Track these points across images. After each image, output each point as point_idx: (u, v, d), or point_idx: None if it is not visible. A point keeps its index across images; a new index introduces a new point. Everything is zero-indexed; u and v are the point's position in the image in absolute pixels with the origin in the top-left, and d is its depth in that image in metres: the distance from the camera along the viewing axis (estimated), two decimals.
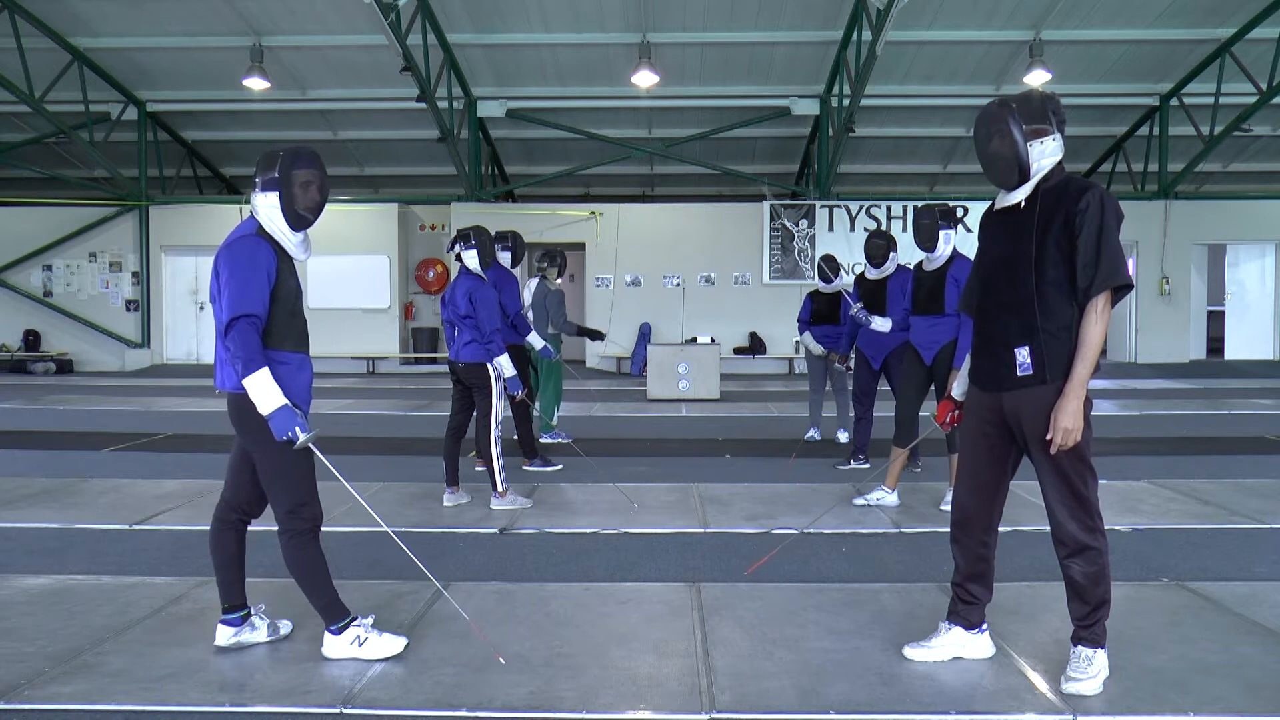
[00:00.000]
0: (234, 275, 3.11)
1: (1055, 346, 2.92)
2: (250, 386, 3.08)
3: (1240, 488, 6.25)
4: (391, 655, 3.26)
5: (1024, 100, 3.00)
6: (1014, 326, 2.98)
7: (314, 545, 3.29)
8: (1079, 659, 3.01)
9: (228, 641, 3.34)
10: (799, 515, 5.50)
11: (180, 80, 15.88)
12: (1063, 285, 2.92)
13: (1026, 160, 2.97)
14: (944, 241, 5.53)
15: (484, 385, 5.66)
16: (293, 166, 3.23)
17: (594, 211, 16.83)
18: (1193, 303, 17.60)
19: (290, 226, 3.25)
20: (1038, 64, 14.19)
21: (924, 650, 3.24)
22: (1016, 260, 2.98)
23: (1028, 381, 2.96)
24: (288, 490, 3.24)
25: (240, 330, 3.07)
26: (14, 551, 4.76)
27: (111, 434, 8.89)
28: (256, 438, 3.22)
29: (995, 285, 3.07)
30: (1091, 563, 2.95)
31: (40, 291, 17.63)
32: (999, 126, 2.98)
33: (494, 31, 14.38)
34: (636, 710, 2.90)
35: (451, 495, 5.80)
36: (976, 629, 3.24)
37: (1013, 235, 3.02)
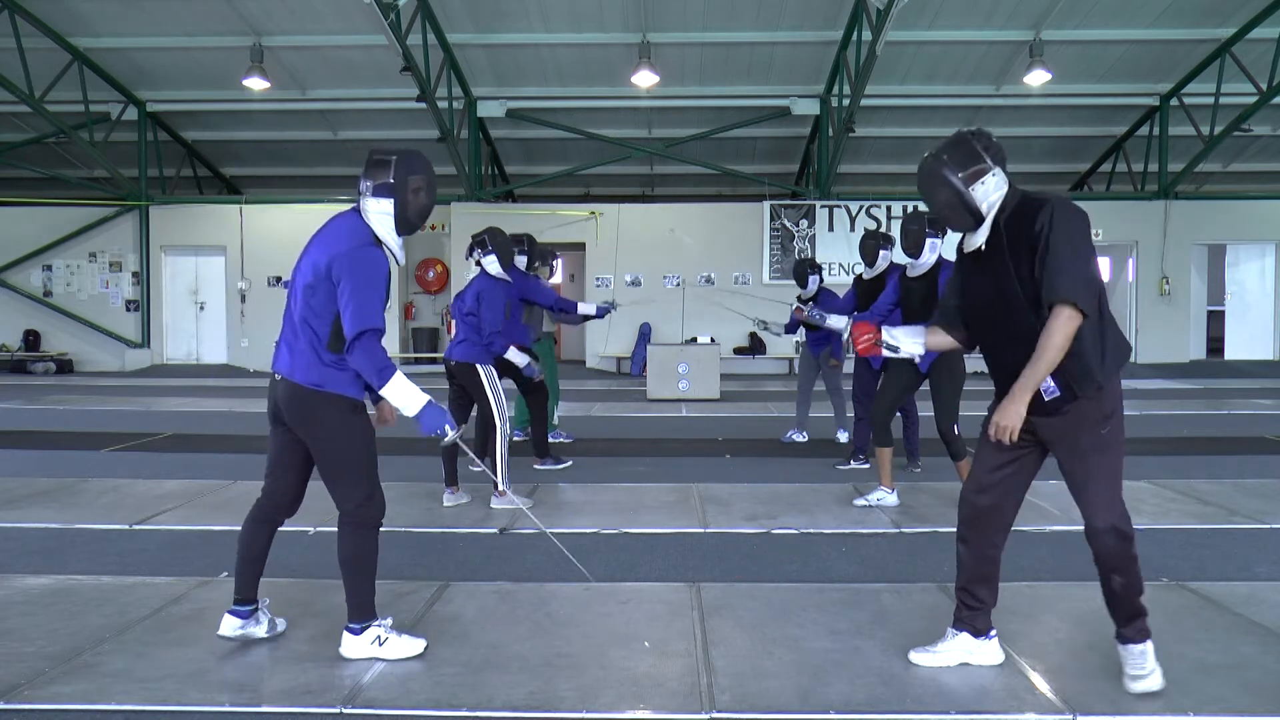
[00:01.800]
0: (360, 288, 3.08)
1: (1073, 365, 2.92)
2: (391, 393, 3.13)
3: (1240, 488, 6.25)
4: (412, 656, 3.25)
5: (953, 146, 3.02)
6: (1026, 355, 2.95)
7: (375, 538, 3.28)
8: (1138, 655, 2.98)
9: (233, 632, 3.33)
10: (799, 515, 5.50)
11: (180, 80, 15.88)
12: None
13: (974, 203, 2.99)
14: (929, 250, 5.60)
15: (476, 386, 5.67)
16: (409, 172, 3.20)
17: (594, 211, 16.83)
18: (1193, 303, 17.60)
19: (398, 233, 3.24)
20: (1038, 64, 14.18)
21: (930, 655, 3.22)
22: (1007, 299, 2.98)
23: (1057, 404, 2.96)
24: (356, 483, 3.23)
25: (367, 344, 3.08)
26: (14, 551, 4.76)
27: (111, 434, 8.89)
28: (321, 433, 3.21)
29: (996, 322, 3.06)
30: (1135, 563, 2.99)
31: (40, 291, 17.63)
32: (936, 180, 3.01)
33: (494, 31, 14.38)
34: (636, 710, 2.90)
35: (451, 495, 5.80)
36: (984, 635, 3.22)
37: (993, 275, 3.01)
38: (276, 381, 3.25)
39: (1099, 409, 2.97)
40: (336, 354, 3.17)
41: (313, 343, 3.17)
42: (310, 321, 3.16)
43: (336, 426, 3.19)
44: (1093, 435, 2.97)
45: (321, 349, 3.17)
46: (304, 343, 3.17)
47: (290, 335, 3.22)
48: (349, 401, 3.21)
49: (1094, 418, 2.97)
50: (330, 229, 3.24)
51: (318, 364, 3.17)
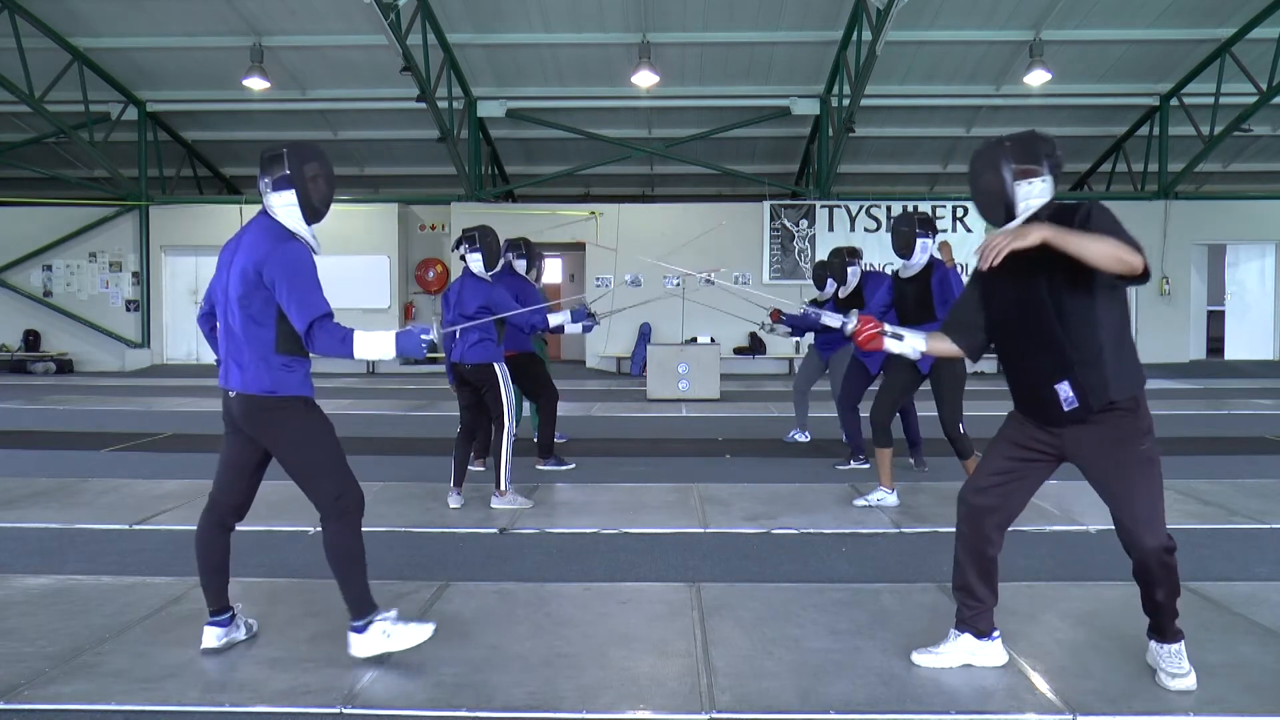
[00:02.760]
0: (296, 282, 3.11)
1: (1092, 376, 2.91)
2: (364, 353, 3.18)
3: (1240, 488, 6.25)
4: (422, 641, 3.25)
5: (1018, 140, 3.03)
6: (1049, 363, 2.96)
7: (358, 528, 3.27)
8: (1175, 654, 3.03)
9: (219, 643, 3.33)
10: (799, 515, 5.50)
11: (180, 80, 15.89)
12: (1084, 314, 2.91)
13: (1013, 199, 3.00)
14: (920, 250, 5.63)
15: (493, 385, 5.63)
16: (303, 161, 3.26)
17: (594, 211, 16.83)
18: (1193, 303, 17.60)
19: (306, 221, 3.28)
20: (1038, 64, 14.18)
21: (932, 657, 3.22)
22: (1032, 301, 2.97)
23: (1086, 413, 2.94)
24: (328, 480, 3.23)
25: (322, 329, 3.11)
26: (14, 551, 4.76)
27: (111, 434, 8.89)
28: (280, 438, 3.23)
29: (1019, 327, 3.04)
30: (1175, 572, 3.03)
31: (40, 291, 17.63)
32: (989, 163, 3.02)
33: (494, 31, 14.38)
34: (636, 710, 2.90)
35: (456, 497, 5.78)
36: (987, 637, 3.20)
37: (1019, 275, 2.98)
38: (230, 398, 3.26)
39: (1139, 424, 2.96)
40: (286, 355, 3.19)
41: (259, 351, 3.18)
42: (253, 330, 3.17)
43: (297, 429, 3.22)
44: (1136, 451, 2.95)
45: (270, 354, 3.18)
46: (249, 354, 3.19)
47: (234, 350, 3.23)
48: (303, 401, 3.24)
49: (1136, 433, 2.96)
50: (246, 237, 3.26)
51: (267, 370, 3.18)
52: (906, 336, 3.40)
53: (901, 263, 5.75)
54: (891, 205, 16.75)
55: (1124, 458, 2.96)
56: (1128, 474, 2.96)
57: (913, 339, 3.39)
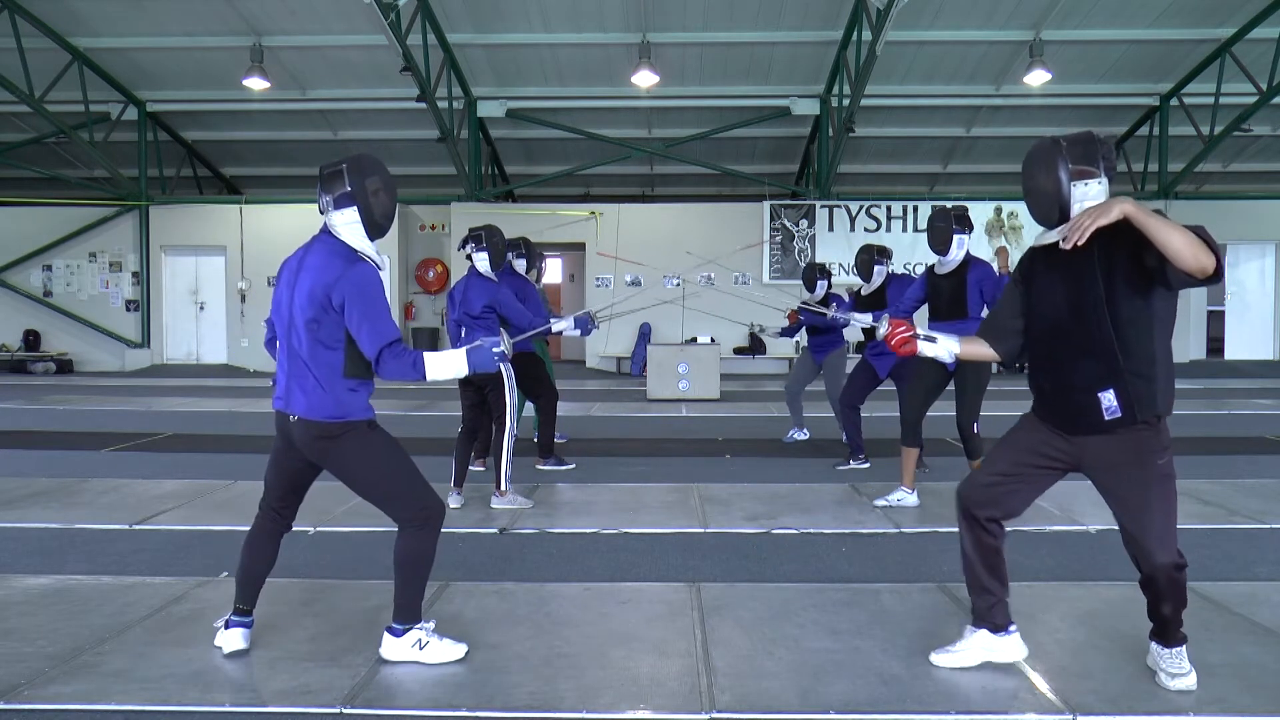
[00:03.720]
0: (368, 308, 3.07)
1: (1141, 386, 2.86)
2: (437, 374, 3.14)
3: (1240, 488, 6.25)
4: (452, 661, 3.22)
5: (1075, 141, 2.96)
6: (1095, 370, 2.89)
7: (435, 540, 3.25)
8: (1176, 655, 3.03)
9: (246, 644, 3.31)
10: (799, 515, 5.50)
11: (180, 80, 15.89)
12: (1139, 323, 2.86)
13: (1068, 200, 2.92)
14: (957, 246, 5.51)
15: (497, 385, 5.62)
16: (364, 176, 3.19)
17: (594, 211, 16.83)
18: (1193, 303, 17.60)
19: (369, 237, 3.22)
20: (1038, 64, 14.19)
21: (950, 656, 3.18)
22: (1086, 303, 2.90)
23: (1115, 425, 2.89)
24: (406, 496, 3.21)
25: (393, 356, 3.08)
26: (14, 551, 4.76)
27: (111, 434, 8.89)
28: (350, 464, 3.19)
29: (1065, 330, 2.96)
30: (1183, 586, 3.04)
31: (40, 291, 17.63)
32: (1045, 163, 2.95)
33: (494, 31, 14.39)
34: (636, 710, 2.90)
35: (456, 497, 5.78)
36: (1004, 631, 3.16)
37: (1073, 276, 2.93)
38: (293, 423, 3.19)
39: (1159, 440, 2.92)
40: (353, 379, 3.16)
41: (326, 375, 3.13)
42: (321, 354, 3.13)
43: (366, 453, 3.18)
44: (1154, 467, 2.92)
45: (338, 378, 3.14)
46: (314, 379, 3.13)
47: (299, 372, 3.17)
48: (367, 424, 3.21)
49: (1155, 448, 2.91)
50: (310, 258, 3.20)
51: (334, 395, 3.14)
52: (940, 339, 3.31)
53: (937, 259, 5.65)
54: (891, 205, 16.77)
55: (1142, 473, 2.92)
56: (1145, 490, 2.92)
57: (946, 342, 3.31)
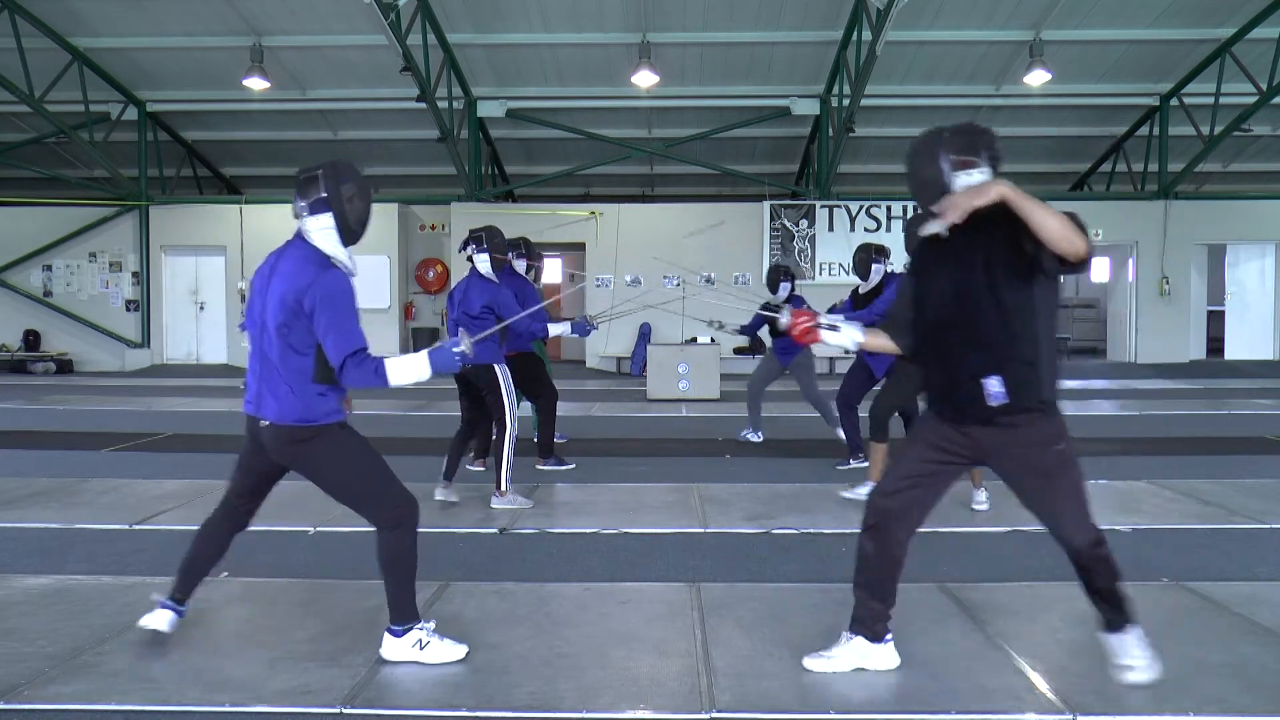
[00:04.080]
0: (336, 315, 3.08)
1: (1025, 372, 2.89)
2: (400, 381, 3.14)
3: (1240, 488, 6.25)
4: (453, 661, 3.22)
5: (957, 131, 3.01)
6: (980, 358, 2.91)
7: (413, 539, 3.26)
8: (1129, 644, 3.03)
9: (167, 628, 3.31)
10: (799, 515, 5.50)
11: (180, 80, 15.88)
12: (1022, 310, 2.88)
13: (950, 188, 2.95)
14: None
15: (493, 386, 5.64)
16: (340, 182, 3.19)
17: (594, 211, 16.83)
18: (1193, 303, 17.60)
19: (343, 244, 3.23)
20: (1038, 64, 14.18)
21: (824, 661, 3.19)
22: (969, 292, 2.92)
23: (1003, 414, 2.91)
24: (378, 498, 3.23)
25: (356, 364, 3.08)
26: (14, 551, 4.76)
27: (111, 434, 8.89)
28: (322, 468, 3.22)
29: (951, 320, 2.97)
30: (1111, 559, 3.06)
31: (40, 291, 17.62)
32: (927, 154, 2.99)
33: (494, 31, 14.38)
34: (636, 710, 2.90)
35: (443, 490, 5.78)
36: (881, 640, 3.17)
37: (956, 265, 2.96)
38: (261, 427, 3.21)
39: (1053, 427, 2.96)
40: (323, 383, 3.17)
41: (296, 380, 3.15)
42: (291, 359, 3.15)
43: (336, 456, 3.20)
44: (1052, 455, 2.96)
45: (308, 383, 3.15)
46: (285, 383, 3.15)
47: (269, 378, 3.19)
48: (337, 426, 3.23)
49: (1050, 436, 2.95)
50: (284, 264, 3.20)
51: (304, 399, 3.15)
52: (843, 328, 3.35)
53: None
54: (891, 205, 16.75)
55: (1042, 462, 2.96)
56: (1047, 478, 2.97)
57: (849, 331, 3.35)
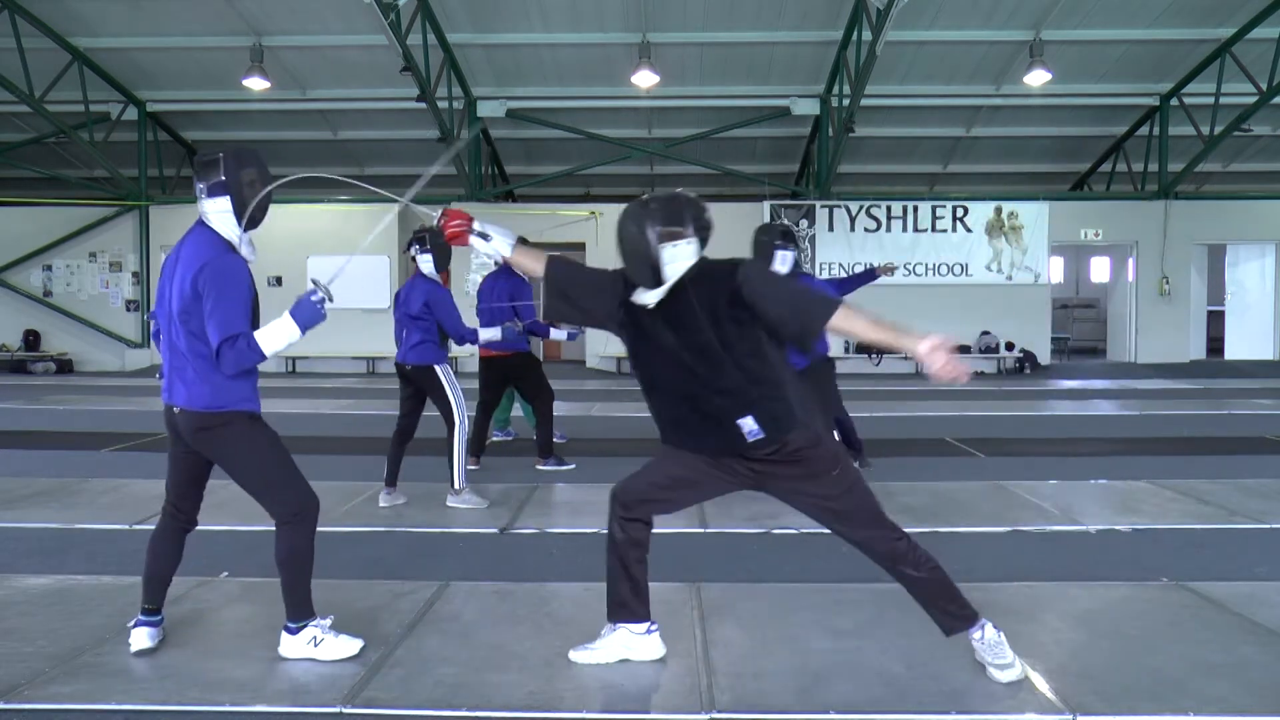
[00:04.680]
0: (221, 299, 3.08)
1: (776, 407, 2.96)
2: (273, 347, 3.12)
3: (1240, 488, 6.24)
4: (347, 657, 3.24)
5: (664, 202, 3.02)
6: (729, 403, 2.96)
7: (311, 536, 3.28)
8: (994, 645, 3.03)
9: (153, 643, 3.31)
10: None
11: (180, 80, 15.89)
12: (758, 351, 2.94)
13: (658, 259, 2.97)
14: (780, 261, 5.50)
15: (435, 387, 5.64)
16: (240, 166, 3.22)
17: (594, 212, 16.83)
18: (1193, 303, 17.60)
19: (244, 229, 3.24)
20: (1038, 64, 14.19)
21: (588, 653, 3.23)
22: (702, 349, 2.96)
23: (761, 444, 2.97)
24: (280, 490, 3.24)
25: (232, 349, 3.06)
26: (14, 551, 4.76)
27: (111, 434, 8.89)
28: (228, 454, 3.23)
29: (693, 372, 3.00)
30: (918, 552, 3.08)
31: (40, 291, 17.63)
32: (635, 225, 2.99)
33: (494, 31, 14.39)
34: (636, 710, 2.90)
35: (388, 495, 5.77)
36: (644, 629, 3.24)
37: (682, 327, 2.99)
38: (175, 414, 3.24)
39: (825, 452, 3.03)
40: None
41: (203, 366, 3.15)
42: (196, 345, 3.15)
43: (244, 445, 3.21)
44: (832, 482, 3.02)
45: (214, 369, 3.15)
46: (193, 370, 3.16)
47: (178, 365, 3.21)
48: (248, 415, 3.23)
49: (825, 462, 3.02)
50: (184, 249, 3.22)
51: (212, 385, 3.16)
52: (494, 235, 3.23)
53: None
54: (891, 205, 16.76)
55: (825, 490, 3.03)
56: (834, 502, 3.04)
57: (500, 239, 3.23)
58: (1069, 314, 21.50)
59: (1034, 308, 17.01)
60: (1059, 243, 17.46)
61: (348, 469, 6.89)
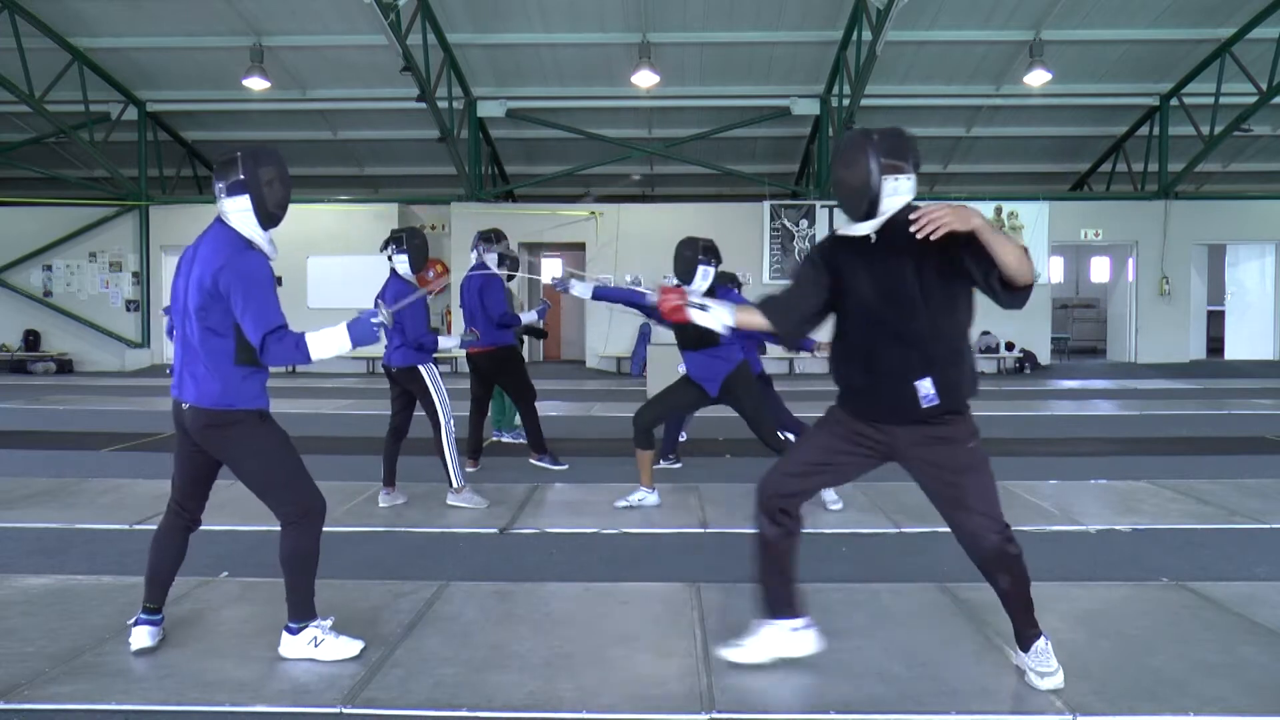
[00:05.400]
0: (251, 294, 3.09)
1: (953, 374, 2.92)
2: (322, 354, 3.14)
3: (1240, 488, 6.25)
4: (347, 658, 3.24)
5: (887, 135, 2.97)
6: (911, 359, 2.91)
7: (317, 537, 3.28)
8: (1041, 653, 3.02)
9: (153, 641, 3.31)
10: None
11: (180, 80, 15.89)
12: (951, 312, 2.91)
13: (878, 193, 2.93)
14: (701, 277, 5.38)
15: (420, 388, 5.65)
16: (259, 165, 3.22)
17: (594, 211, 16.83)
18: (1193, 303, 17.61)
19: (261, 226, 3.25)
20: (1038, 64, 14.19)
21: (741, 650, 3.21)
22: (900, 294, 2.91)
23: (931, 413, 2.92)
24: (286, 490, 3.24)
25: (276, 341, 3.08)
26: (14, 551, 4.76)
27: (111, 434, 8.89)
28: (236, 453, 3.23)
29: (880, 320, 2.96)
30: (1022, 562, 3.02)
31: (40, 291, 17.63)
32: (857, 156, 2.94)
33: (494, 31, 14.39)
34: (636, 710, 2.90)
35: (387, 495, 5.78)
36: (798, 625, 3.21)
37: (883, 267, 2.95)
38: (183, 410, 3.23)
39: (967, 427, 2.99)
40: (244, 366, 3.18)
41: (217, 363, 3.15)
42: (211, 341, 3.15)
43: (251, 443, 3.21)
44: (965, 454, 2.98)
45: (228, 365, 3.16)
46: (206, 366, 3.16)
47: (190, 361, 3.21)
48: (257, 414, 3.23)
49: (964, 436, 2.98)
50: (203, 246, 3.23)
51: (223, 383, 3.16)
52: (713, 308, 3.26)
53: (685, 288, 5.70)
54: None
55: (955, 461, 2.97)
56: (958, 475, 2.97)
57: (720, 311, 3.25)
58: (1069, 314, 21.50)
59: (1034, 308, 16.98)
60: (1059, 243, 17.45)
61: (348, 469, 6.89)
